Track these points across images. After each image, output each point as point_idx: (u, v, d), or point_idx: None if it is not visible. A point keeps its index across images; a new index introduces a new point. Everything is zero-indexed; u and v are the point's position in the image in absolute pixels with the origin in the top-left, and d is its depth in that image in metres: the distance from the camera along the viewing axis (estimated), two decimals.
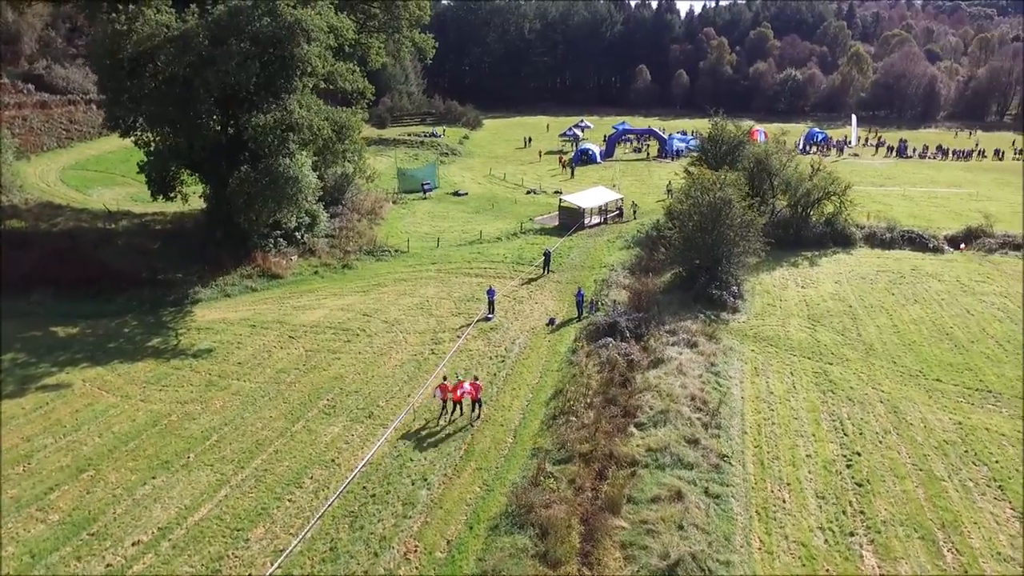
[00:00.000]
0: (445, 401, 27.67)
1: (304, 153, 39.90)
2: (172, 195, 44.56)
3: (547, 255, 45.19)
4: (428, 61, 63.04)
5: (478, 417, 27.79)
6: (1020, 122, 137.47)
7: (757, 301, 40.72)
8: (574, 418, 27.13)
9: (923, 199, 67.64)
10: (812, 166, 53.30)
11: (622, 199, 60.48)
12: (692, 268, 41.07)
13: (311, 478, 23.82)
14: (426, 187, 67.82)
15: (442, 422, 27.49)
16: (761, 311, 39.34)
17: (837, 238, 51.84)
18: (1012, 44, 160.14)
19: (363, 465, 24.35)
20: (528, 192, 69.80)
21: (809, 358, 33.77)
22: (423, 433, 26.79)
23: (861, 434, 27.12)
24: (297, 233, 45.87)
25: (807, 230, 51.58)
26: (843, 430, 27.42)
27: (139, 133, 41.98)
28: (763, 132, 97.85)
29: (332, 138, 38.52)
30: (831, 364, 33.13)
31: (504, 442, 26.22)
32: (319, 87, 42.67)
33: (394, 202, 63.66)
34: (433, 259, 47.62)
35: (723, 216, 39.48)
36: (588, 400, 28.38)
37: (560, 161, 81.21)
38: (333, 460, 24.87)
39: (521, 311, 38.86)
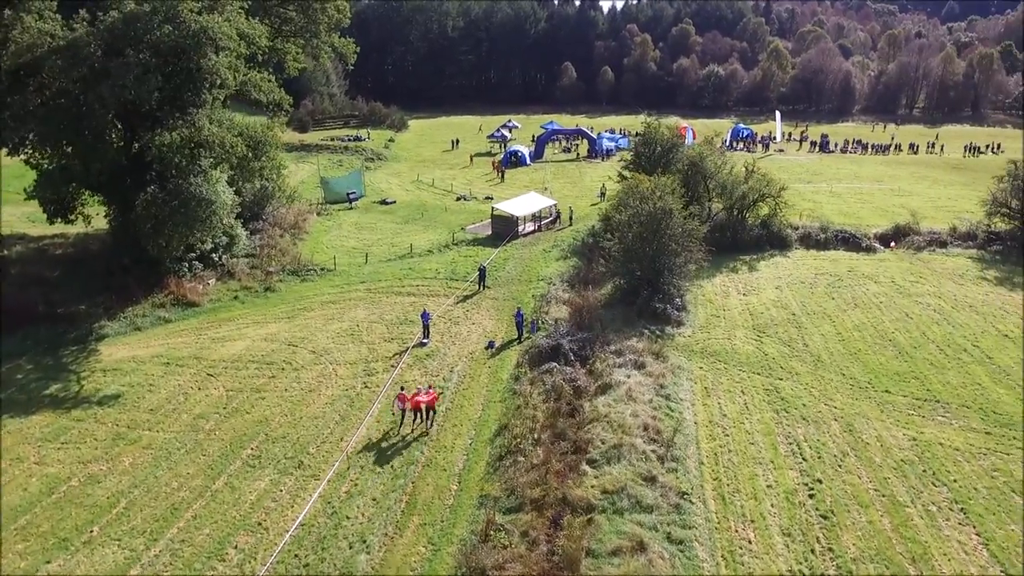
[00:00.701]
0: (403, 411, 27.71)
1: (218, 170, 36.76)
2: (72, 217, 40.71)
3: (482, 271, 43.19)
4: (350, 67, 59.97)
5: (431, 425, 27.79)
6: (928, 115, 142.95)
7: (700, 312, 39.74)
8: (522, 458, 25.30)
9: (849, 195, 68.48)
10: (746, 168, 52.90)
11: (556, 205, 58.96)
12: (633, 280, 39.75)
13: (235, 548, 21.26)
14: (352, 196, 64.77)
15: (402, 432, 27.51)
16: (705, 323, 38.35)
17: (773, 240, 51.55)
18: (917, 40, 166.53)
19: (295, 528, 21.93)
20: (458, 199, 67.58)
21: (759, 373, 32.83)
22: (359, 483, 24.48)
23: (819, 458, 26.18)
24: (214, 255, 42.53)
25: (744, 233, 51.09)
26: (801, 454, 26.43)
27: (29, 152, 37.90)
28: (691, 130, 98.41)
29: (247, 156, 35.47)
30: (781, 379, 32.27)
31: (448, 490, 24.17)
32: (232, 97, 39.41)
33: (318, 214, 60.46)
34: (362, 277, 44.99)
35: (663, 226, 38.30)
36: (535, 436, 26.59)
37: (493, 165, 78.99)
38: (260, 523, 22.35)
39: (458, 334, 36.78)
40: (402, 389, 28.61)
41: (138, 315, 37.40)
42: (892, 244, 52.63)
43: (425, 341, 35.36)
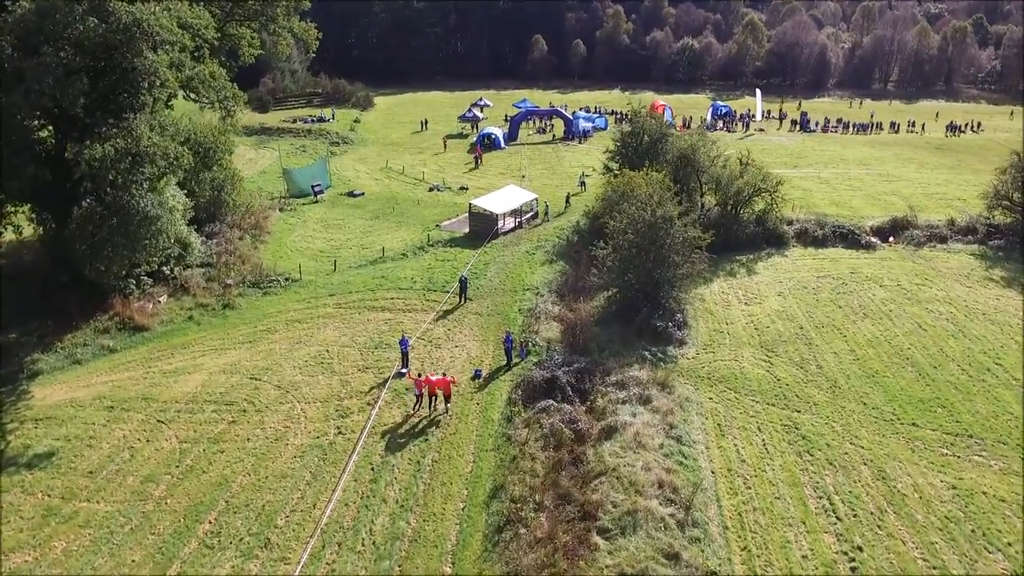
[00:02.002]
0: (420, 395, 28.75)
1: (164, 179, 32.29)
2: None
3: (463, 282, 39.42)
4: (312, 53, 55.05)
5: (447, 411, 28.76)
6: (902, 89, 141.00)
7: (702, 327, 36.68)
8: (524, 529, 22.08)
9: (838, 182, 65.85)
10: (740, 160, 49.77)
11: (537, 199, 55.20)
12: (629, 292, 36.43)
13: None
14: (317, 189, 60.10)
15: (422, 413, 28.68)
16: (709, 340, 35.31)
17: (770, 238, 48.61)
18: (891, 13, 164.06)
19: None
20: (431, 189, 63.37)
21: (773, 404, 29.92)
22: (337, 566, 21.02)
23: (855, 516, 23.37)
24: (165, 268, 38.00)
25: (739, 231, 47.88)
26: (834, 511, 23.60)
27: None
28: (669, 108, 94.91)
29: (198, 165, 31.03)
30: (799, 411, 29.40)
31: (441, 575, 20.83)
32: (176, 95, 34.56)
33: (281, 209, 55.84)
34: (330, 288, 40.98)
35: (663, 234, 34.96)
36: (537, 498, 23.34)
37: (476, 152, 73.84)
38: None
39: (440, 360, 33.20)
40: (419, 375, 29.40)
41: (78, 344, 32.95)
42: (891, 239, 50.06)
43: (404, 371, 31.72)
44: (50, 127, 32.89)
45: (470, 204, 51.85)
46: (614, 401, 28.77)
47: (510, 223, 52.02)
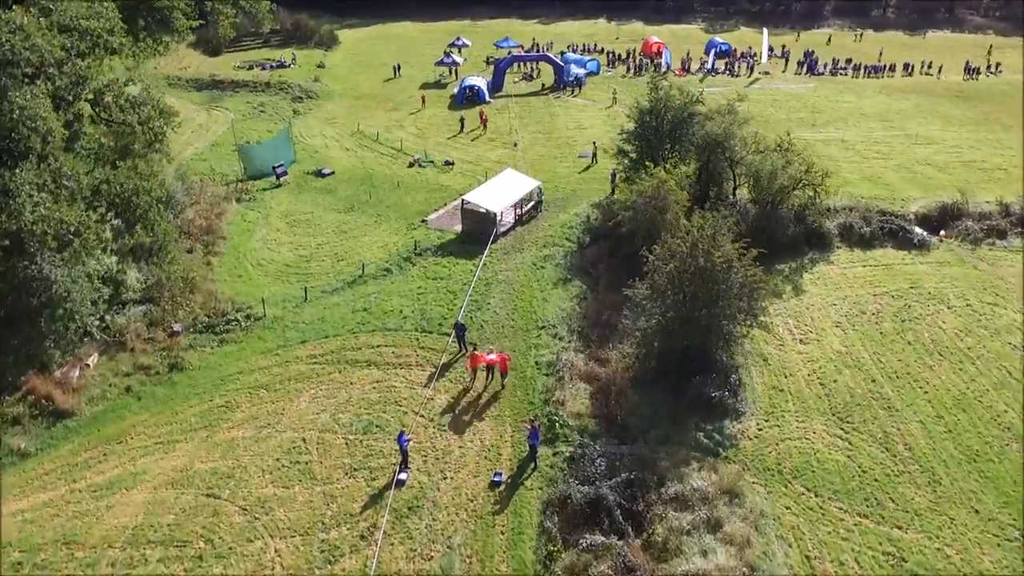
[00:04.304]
0: (476, 370, 29.33)
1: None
2: None
3: (460, 331, 32.07)
4: (265, 29, 45.76)
5: (502, 386, 29.33)
6: (904, 17, 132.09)
7: (758, 383, 30.40)
8: None
9: (865, 147, 58.92)
10: (780, 146, 42.53)
11: (540, 186, 47.50)
12: (674, 346, 29.79)
13: None
14: (279, 171, 51.61)
15: (477, 388, 29.25)
16: (770, 406, 29.07)
17: (811, 238, 41.81)
18: None
19: None
20: (411, 164, 55.22)
21: (866, 516, 24.04)
22: None
23: None
24: (92, 316, 30.12)
25: (779, 231, 40.81)
26: None
27: None
28: (667, 49, 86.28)
29: (118, 230, 22.86)
30: (899, 528, 23.61)
31: None
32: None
33: (238, 200, 47.62)
34: (301, 330, 33.59)
35: (721, 282, 28.13)
36: None
37: (481, 119, 64.30)
38: None
39: (447, 451, 26.53)
40: (475, 349, 30.05)
41: None
42: (942, 233, 43.82)
43: (403, 477, 25.09)
44: None
45: (463, 200, 44.10)
46: (676, 531, 22.58)
47: (510, 220, 44.63)
